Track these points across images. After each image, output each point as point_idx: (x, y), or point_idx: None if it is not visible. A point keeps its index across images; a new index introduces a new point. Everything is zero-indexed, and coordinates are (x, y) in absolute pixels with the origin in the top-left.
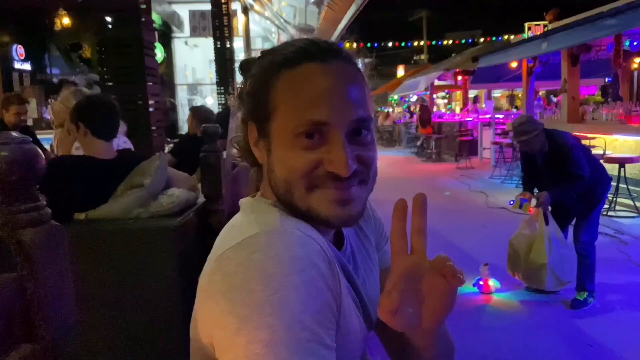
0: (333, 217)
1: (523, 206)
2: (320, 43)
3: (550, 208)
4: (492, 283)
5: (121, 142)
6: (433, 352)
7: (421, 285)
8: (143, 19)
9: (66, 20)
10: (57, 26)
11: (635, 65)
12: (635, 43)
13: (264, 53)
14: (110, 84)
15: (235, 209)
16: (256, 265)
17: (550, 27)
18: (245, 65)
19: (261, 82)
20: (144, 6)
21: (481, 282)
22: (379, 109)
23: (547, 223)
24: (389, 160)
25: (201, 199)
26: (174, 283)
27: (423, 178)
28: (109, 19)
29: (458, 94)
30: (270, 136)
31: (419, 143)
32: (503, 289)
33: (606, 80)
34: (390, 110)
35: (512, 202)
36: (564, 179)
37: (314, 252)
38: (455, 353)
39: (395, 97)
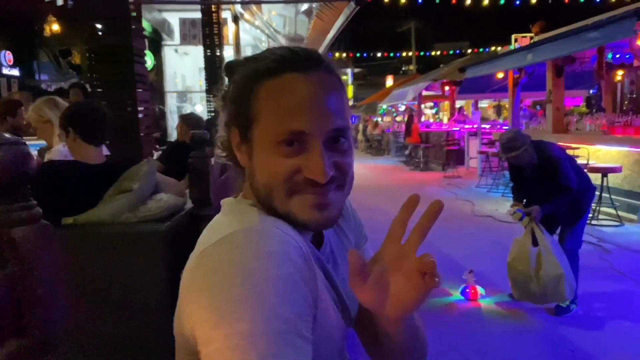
0: (311, 221)
1: (523, 220)
2: (300, 52)
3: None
4: (478, 290)
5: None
6: (401, 339)
7: (399, 274)
8: (133, 27)
9: (55, 27)
10: (47, 32)
11: (617, 78)
12: (617, 56)
13: (247, 60)
14: (100, 90)
15: None
16: (236, 261)
17: (536, 39)
18: (230, 68)
19: (244, 89)
20: (134, 14)
21: (467, 290)
22: (368, 118)
23: (543, 233)
24: (377, 169)
25: (189, 205)
26: (162, 286)
27: (411, 186)
28: (99, 25)
29: (446, 104)
30: (252, 142)
31: (407, 152)
32: (488, 295)
33: (590, 91)
34: (379, 119)
35: (520, 212)
36: (553, 190)
37: (291, 248)
38: (427, 350)
39: (384, 106)
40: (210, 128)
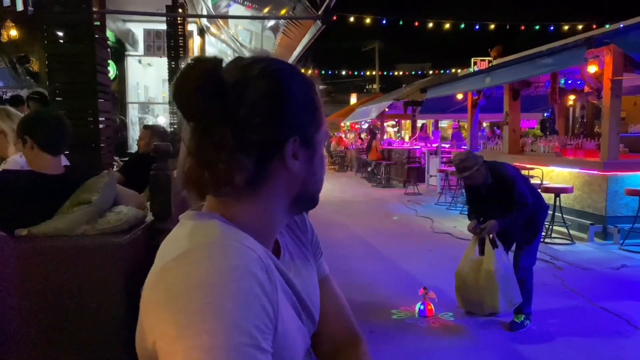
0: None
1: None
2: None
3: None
4: (434, 307)
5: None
6: None
7: None
8: (97, 36)
9: (13, 32)
10: (4, 38)
11: (570, 102)
12: (569, 81)
13: (293, 68)
14: (60, 99)
15: None
16: (196, 276)
17: (494, 62)
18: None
19: (310, 98)
20: (97, 23)
21: (422, 307)
22: (332, 134)
23: (495, 247)
24: (340, 185)
25: (150, 218)
26: (120, 301)
27: (373, 203)
28: (60, 33)
29: (407, 122)
30: (315, 146)
31: (369, 169)
32: (445, 311)
33: (544, 114)
34: (343, 135)
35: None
36: (509, 207)
37: (252, 262)
38: None
39: (348, 123)
40: (174, 140)
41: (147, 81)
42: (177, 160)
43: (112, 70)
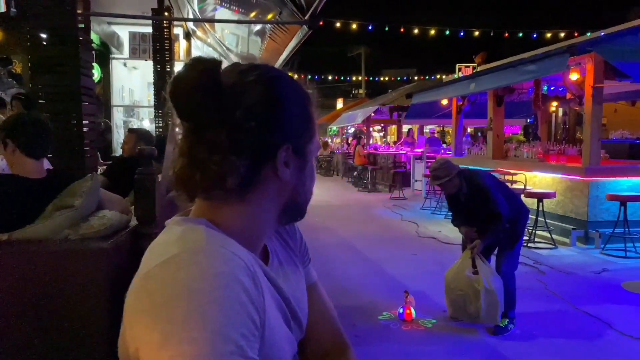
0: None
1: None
2: None
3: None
4: (413, 311)
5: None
6: None
7: None
8: (81, 38)
9: None
10: None
11: (552, 109)
12: (552, 88)
13: (291, 78)
14: (43, 102)
15: None
16: (181, 282)
17: (478, 69)
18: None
19: (305, 108)
20: (82, 25)
21: (401, 310)
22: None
23: (483, 263)
24: (326, 189)
25: (134, 222)
26: (103, 306)
27: (359, 207)
28: (44, 35)
29: (393, 127)
30: (307, 155)
31: (355, 173)
32: (429, 315)
33: (528, 120)
34: (330, 139)
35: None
36: (487, 217)
37: (238, 269)
38: None
39: (334, 127)
40: (159, 144)
41: (133, 84)
42: (162, 163)
43: (96, 73)
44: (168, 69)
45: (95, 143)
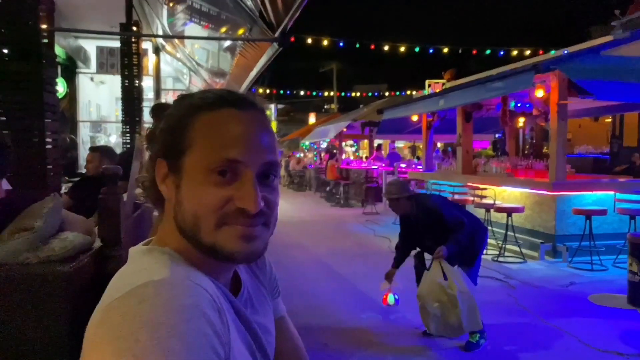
0: (238, 252)
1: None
2: (236, 94)
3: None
4: (390, 296)
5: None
6: None
7: None
8: (44, 53)
9: None
10: None
11: (519, 124)
12: (519, 104)
13: (183, 96)
14: (3, 118)
15: None
16: (143, 315)
17: (447, 85)
18: (157, 109)
19: (178, 119)
20: (46, 40)
21: (397, 296)
22: (291, 154)
23: (450, 267)
24: (299, 204)
25: (98, 244)
26: (63, 335)
27: (331, 223)
28: (5, 50)
29: (365, 142)
30: (182, 171)
31: (328, 188)
32: (401, 333)
33: (496, 135)
34: (302, 155)
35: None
36: (443, 237)
37: (202, 301)
38: None
39: (307, 142)
40: (124, 162)
41: (100, 99)
42: (128, 181)
43: (62, 88)
44: (136, 84)
45: (59, 160)
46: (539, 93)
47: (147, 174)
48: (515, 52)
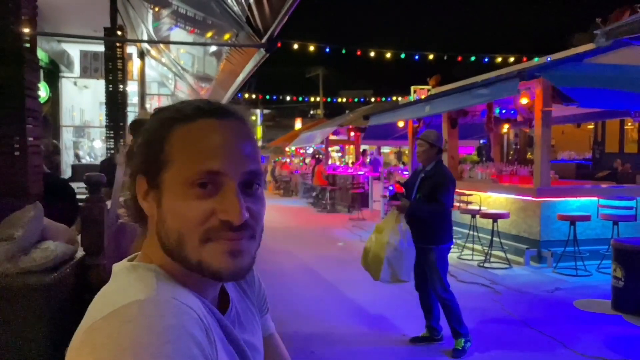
0: (225, 269)
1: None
2: (214, 103)
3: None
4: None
5: None
6: None
7: None
8: (26, 58)
9: None
10: None
11: (504, 131)
12: (504, 111)
13: (159, 110)
14: None
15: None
16: (128, 336)
17: (433, 91)
18: (135, 125)
19: (156, 134)
20: (27, 44)
21: (391, 187)
22: (276, 159)
23: (398, 222)
24: (285, 210)
25: (81, 253)
26: (43, 348)
27: (317, 228)
28: None
29: (351, 148)
30: (162, 187)
31: (314, 194)
32: (388, 339)
33: (481, 141)
34: (288, 160)
35: (391, 192)
36: (429, 200)
37: (189, 321)
38: None
39: (293, 148)
40: (106, 170)
41: (83, 104)
42: (111, 190)
43: (44, 92)
44: (121, 89)
45: (41, 168)
46: (524, 100)
47: (128, 192)
48: (499, 59)
